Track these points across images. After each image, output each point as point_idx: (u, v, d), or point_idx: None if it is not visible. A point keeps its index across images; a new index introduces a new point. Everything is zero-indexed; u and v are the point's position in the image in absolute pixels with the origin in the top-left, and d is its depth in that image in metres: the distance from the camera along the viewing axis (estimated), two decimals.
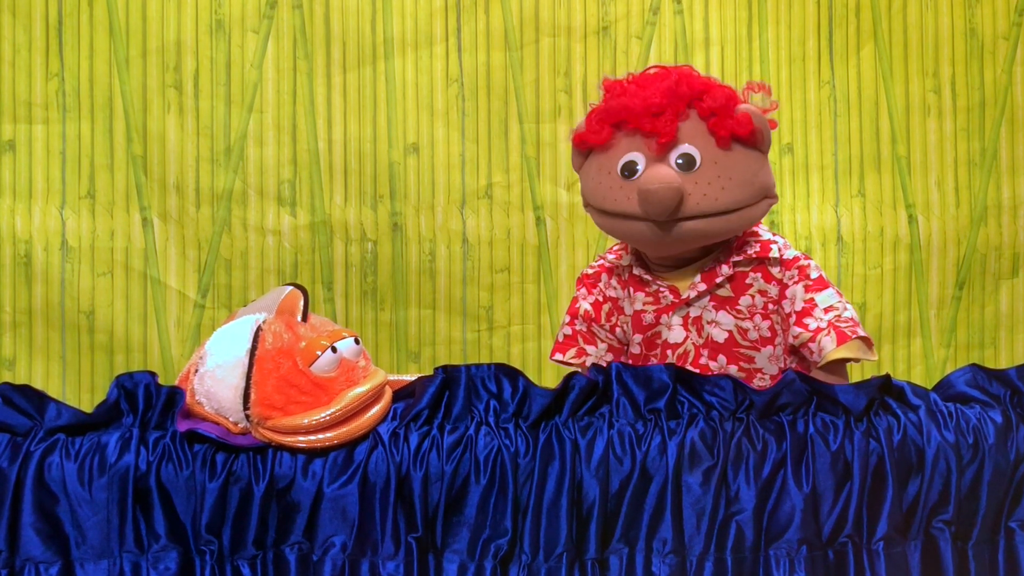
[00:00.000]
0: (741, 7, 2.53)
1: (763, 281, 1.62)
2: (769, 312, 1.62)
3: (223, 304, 2.43)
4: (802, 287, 1.60)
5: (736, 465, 1.31)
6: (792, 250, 1.65)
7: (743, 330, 1.62)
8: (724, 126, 1.53)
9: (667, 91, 1.54)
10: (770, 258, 1.62)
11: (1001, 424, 1.37)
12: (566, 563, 1.29)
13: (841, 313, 1.57)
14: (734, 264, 1.62)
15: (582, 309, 1.72)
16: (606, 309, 1.72)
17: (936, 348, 2.60)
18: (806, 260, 1.63)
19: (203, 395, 1.34)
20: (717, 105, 1.54)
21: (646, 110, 1.53)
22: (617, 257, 1.73)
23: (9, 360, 2.39)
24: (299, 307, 1.39)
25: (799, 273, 1.61)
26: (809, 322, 1.57)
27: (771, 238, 1.65)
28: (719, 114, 1.53)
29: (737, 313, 1.62)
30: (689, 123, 1.54)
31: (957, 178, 2.59)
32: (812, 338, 1.55)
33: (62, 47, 2.40)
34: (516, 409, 1.34)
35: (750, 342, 1.63)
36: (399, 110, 2.47)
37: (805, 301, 1.59)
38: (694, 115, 1.55)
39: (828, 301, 1.58)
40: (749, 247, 1.63)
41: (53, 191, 2.40)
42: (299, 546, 1.30)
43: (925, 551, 1.34)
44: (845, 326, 1.55)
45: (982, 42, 2.59)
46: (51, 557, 1.28)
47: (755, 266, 1.62)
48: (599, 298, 1.72)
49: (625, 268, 1.70)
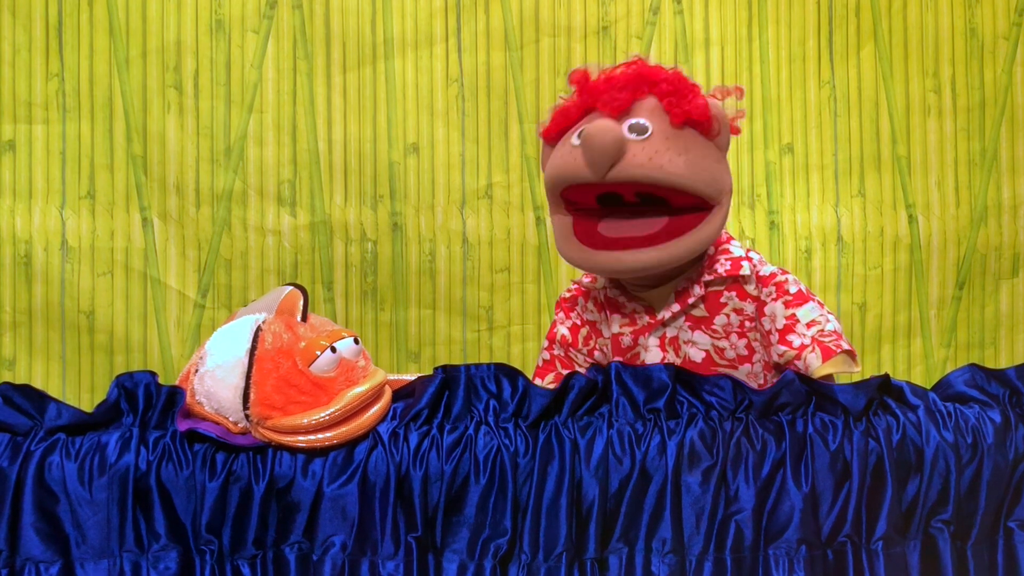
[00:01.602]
0: (741, 7, 2.53)
1: (738, 299, 1.61)
2: (746, 330, 1.61)
3: (223, 304, 2.43)
4: (782, 303, 1.57)
5: (735, 465, 1.31)
6: (768, 266, 1.63)
7: (719, 349, 1.62)
8: (679, 106, 1.52)
9: (630, 75, 1.56)
10: (742, 276, 1.60)
11: (1000, 424, 1.37)
12: (565, 563, 1.29)
13: (824, 327, 1.54)
14: (706, 284, 1.61)
15: (559, 334, 1.72)
16: (583, 333, 1.72)
17: (936, 348, 2.60)
18: (783, 275, 1.60)
19: (203, 395, 1.34)
20: (675, 89, 1.54)
21: (606, 89, 1.54)
22: (592, 280, 1.73)
23: (9, 360, 2.39)
24: (299, 307, 1.39)
25: (777, 289, 1.59)
26: (792, 339, 1.55)
27: (742, 255, 1.63)
28: (676, 96, 1.53)
29: (713, 332, 1.62)
30: (646, 102, 1.54)
31: (957, 178, 2.59)
32: (797, 355, 1.54)
33: (62, 47, 2.40)
34: (516, 409, 1.34)
35: (727, 360, 1.62)
36: (399, 110, 2.47)
37: (786, 318, 1.57)
38: (653, 99, 1.55)
39: (810, 315, 1.56)
40: (720, 265, 1.61)
41: (53, 191, 2.40)
42: (299, 546, 1.30)
43: (924, 551, 1.34)
44: (829, 340, 1.53)
45: (982, 42, 2.59)
46: (51, 557, 1.28)
47: (729, 284, 1.61)
48: (576, 322, 1.72)
49: (600, 291, 1.70)
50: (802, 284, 1.61)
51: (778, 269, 1.62)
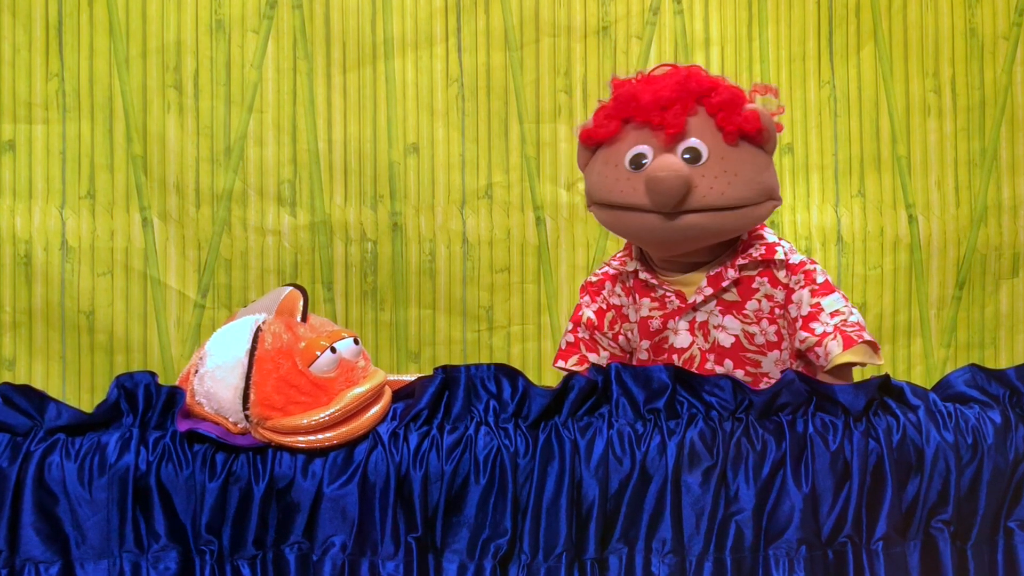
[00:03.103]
0: (741, 7, 2.53)
1: (769, 285, 1.62)
2: (775, 316, 1.62)
3: (223, 304, 2.43)
4: (808, 291, 1.59)
5: (735, 465, 1.31)
6: (798, 254, 1.64)
7: (750, 335, 1.62)
8: (732, 122, 1.53)
9: (676, 86, 1.55)
10: (775, 260, 1.62)
11: (1000, 424, 1.37)
12: (565, 563, 1.29)
13: (847, 317, 1.57)
14: (740, 268, 1.61)
15: (585, 317, 1.71)
16: (609, 317, 1.71)
17: (936, 348, 2.60)
18: (812, 264, 1.62)
19: (203, 395, 1.34)
20: (725, 101, 1.54)
21: (655, 103, 1.54)
22: (621, 263, 1.72)
23: (9, 360, 2.39)
24: (299, 307, 1.39)
25: (805, 277, 1.61)
26: (815, 326, 1.57)
27: (776, 241, 1.65)
28: (727, 110, 1.54)
29: (744, 318, 1.62)
30: (697, 118, 1.55)
31: (957, 178, 2.59)
32: (819, 342, 1.56)
33: (62, 47, 2.40)
34: (516, 409, 1.34)
35: (757, 347, 1.62)
36: (399, 110, 2.47)
37: (811, 306, 1.58)
38: (702, 111, 1.55)
39: (834, 305, 1.58)
40: (754, 250, 1.62)
41: (53, 191, 2.40)
42: (299, 546, 1.30)
43: (924, 551, 1.34)
44: (851, 330, 1.55)
45: (982, 42, 2.59)
46: (51, 557, 1.28)
47: (761, 270, 1.62)
48: (602, 306, 1.72)
49: (630, 274, 1.70)
50: (829, 275, 1.63)
51: (807, 259, 1.64)
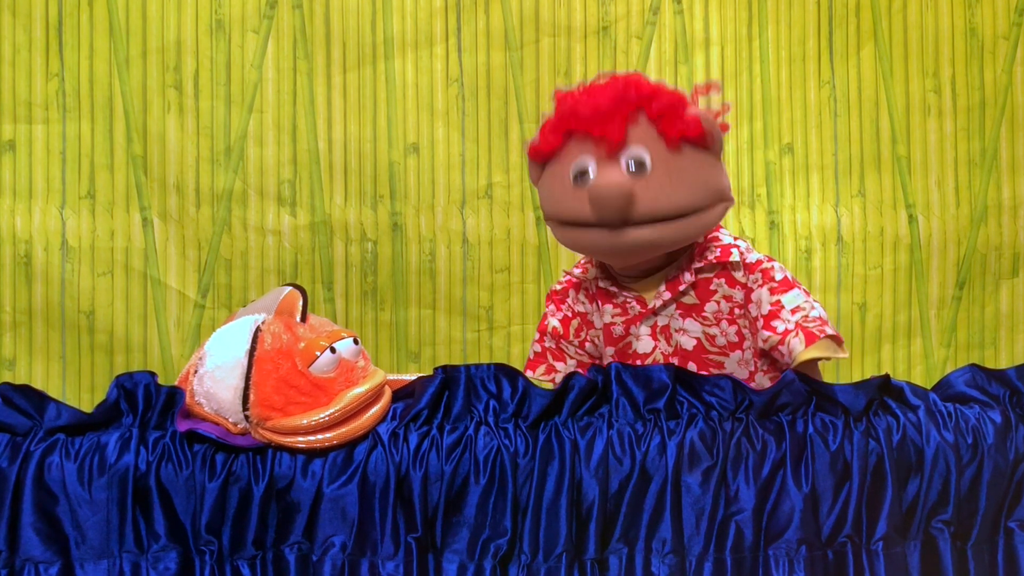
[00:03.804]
0: (741, 7, 2.53)
1: (727, 286, 1.62)
2: (736, 317, 1.62)
3: (223, 304, 2.43)
4: (767, 290, 1.58)
5: (735, 465, 1.31)
6: (755, 253, 1.64)
7: (711, 336, 1.62)
8: (673, 127, 1.52)
9: (615, 95, 1.53)
10: (731, 262, 1.61)
11: (1000, 424, 1.37)
12: (565, 563, 1.29)
13: (808, 313, 1.55)
14: (696, 271, 1.62)
15: (550, 326, 1.72)
16: (575, 325, 1.72)
17: (936, 348, 2.60)
18: (769, 263, 1.62)
19: (202, 396, 1.34)
20: (665, 107, 1.53)
21: (595, 114, 1.52)
22: (583, 271, 1.73)
23: (9, 360, 2.39)
24: (298, 308, 1.39)
25: (763, 276, 1.60)
26: (777, 324, 1.56)
27: (731, 242, 1.64)
28: (668, 116, 1.52)
29: (704, 320, 1.62)
30: (639, 127, 1.53)
31: (957, 178, 2.59)
32: (781, 340, 1.54)
33: (62, 47, 2.40)
34: (516, 409, 1.34)
35: (718, 348, 1.62)
36: (399, 110, 2.47)
37: (771, 304, 1.57)
38: (643, 119, 1.53)
39: (794, 302, 1.57)
40: (710, 252, 1.62)
41: (53, 191, 2.40)
42: (299, 546, 1.30)
43: (924, 551, 1.34)
44: (813, 326, 1.53)
45: (982, 42, 2.59)
46: (51, 557, 1.28)
47: (718, 271, 1.62)
48: (568, 314, 1.73)
49: (592, 281, 1.70)
50: (788, 271, 1.62)
51: (764, 257, 1.64)
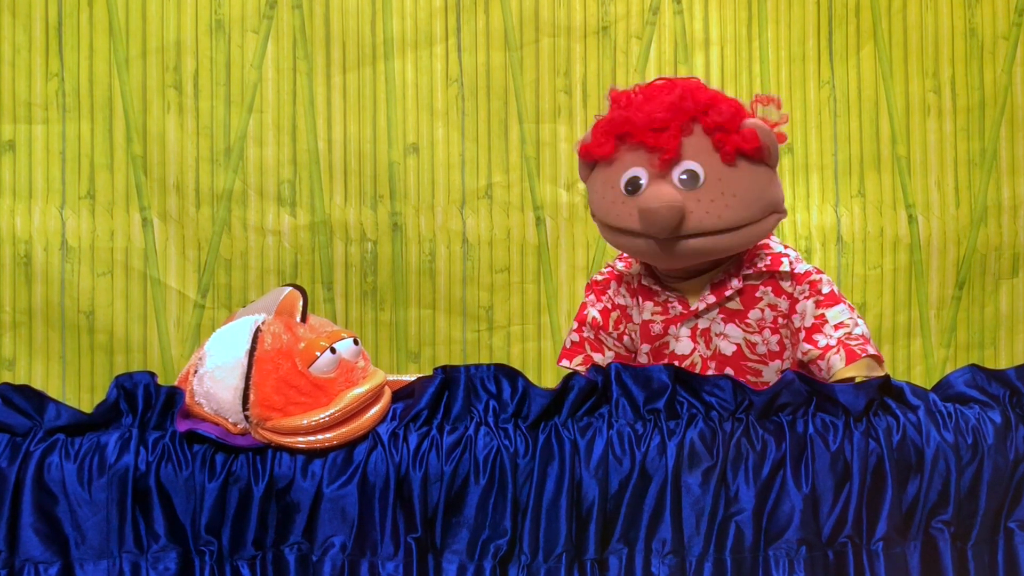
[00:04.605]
0: (741, 7, 2.53)
1: (773, 295, 1.61)
2: (779, 326, 1.61)
3: (223, 304, 2.43)
4: (813, 303, 1.58)
5: (735, 465, 1.31)
6: (804, 264, 1.62)
7: (751, 343, 1.61)
8: (729, 141, 1.50)
9: (671, 105, 1.51)
10: (780, 272, 1.60)
11: (1000, 424, 1.36)
12: (565, 563, 1.28)
13: (852, 330, 1.54)
14: (744, 277, 1.60)
15: (590, 316, 1.70)
16: (614, 317, 1.70)
17: (936, 348, 2.60)
18: (818, 275, 1.60)
19: (202, 396, 1.34)
20: (722, 120, 1.51)
21: (649, 124, 1.50)
22: (627, 265, 1.71)
23: (9, 360, 2.39)
24: (298, 308, 1.39)
25: (810, 288, 1.59)
26: (819, 339, 1.55)
27: (782, 251, 1.63)
28: (724, 129, 1.50)
29: (746, 326, 1.61)
30: (693, 138, 1.51)
31: (957, 178, 2.59)
32: (821, 355, 1.53)
33: (62, 47, 2.40)
34: (515, 409, 1.34)
35: (758, 356, 1.62)
36: (399, 110, 2.47)
37: (815, 317, 1.56)
38: (699, 130, 1.51)
39: (839, 317, 1.56)
40: (760, 260, 1.61)
41: (53, 191, 2.40)
42: (298, 546, 1.30)
43: (924, 551, 1.34)
44: (855, 344, 1.53)
45: (982, 42, 2.59)
46: (51, 557, 1.28)
47: (765, 280, 1.61)
48: (607, 305, 1.71)
49: (634, 277, 1.69)
50: (835, 285, 1.61)
51: (814, 268, 1.62)
